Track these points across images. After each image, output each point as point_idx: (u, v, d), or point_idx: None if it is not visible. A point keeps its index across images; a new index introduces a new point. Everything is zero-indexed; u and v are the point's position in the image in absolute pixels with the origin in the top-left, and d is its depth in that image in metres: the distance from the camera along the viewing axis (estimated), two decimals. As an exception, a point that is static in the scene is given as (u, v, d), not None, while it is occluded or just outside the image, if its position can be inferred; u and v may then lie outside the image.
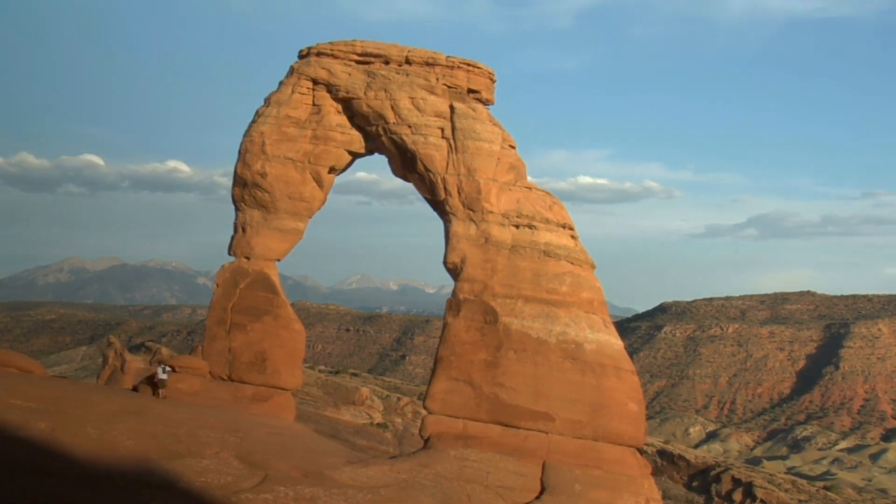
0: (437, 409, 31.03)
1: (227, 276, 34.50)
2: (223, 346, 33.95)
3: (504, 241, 31.58)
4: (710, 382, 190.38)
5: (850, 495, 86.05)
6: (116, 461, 22.82)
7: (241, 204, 34.61)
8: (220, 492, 22.40)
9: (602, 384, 30.08)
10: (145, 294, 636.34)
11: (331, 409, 63.94)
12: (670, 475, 77.47)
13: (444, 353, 31.32)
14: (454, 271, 32.01)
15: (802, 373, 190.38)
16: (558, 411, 29.82)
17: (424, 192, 33.11)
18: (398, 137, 32.50)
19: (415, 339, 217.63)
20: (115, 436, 24.65)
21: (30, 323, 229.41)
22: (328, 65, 33.76)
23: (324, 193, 34.80)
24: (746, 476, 74.44)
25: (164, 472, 22.85)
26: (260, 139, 33.74)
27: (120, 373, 57.68)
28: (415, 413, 69.58)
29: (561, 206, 32.75)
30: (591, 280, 32.01)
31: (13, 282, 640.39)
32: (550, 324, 30.58)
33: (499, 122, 33.17)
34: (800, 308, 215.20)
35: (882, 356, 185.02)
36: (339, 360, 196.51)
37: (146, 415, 27.73)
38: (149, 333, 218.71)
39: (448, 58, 33.46)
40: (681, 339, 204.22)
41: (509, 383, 30.21)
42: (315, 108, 34.05)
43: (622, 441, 30.12)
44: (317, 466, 26.69)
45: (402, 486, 26.67)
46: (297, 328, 34.56)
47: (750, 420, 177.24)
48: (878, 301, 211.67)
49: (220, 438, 26.76)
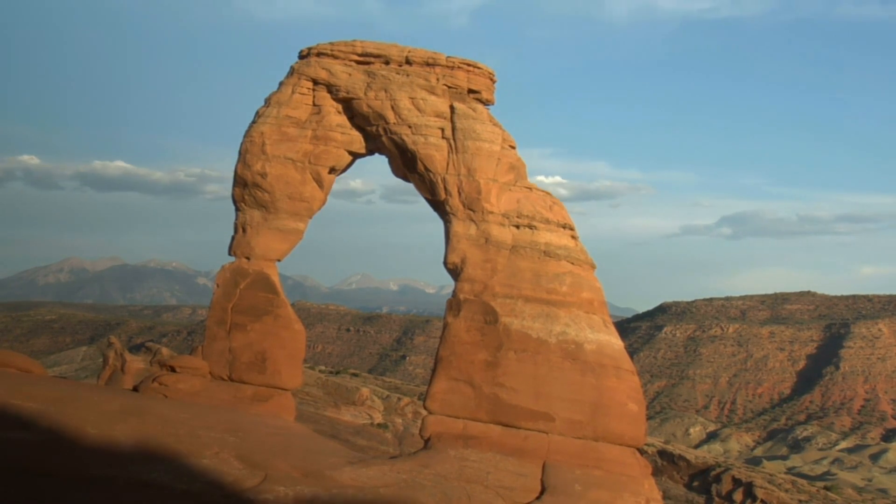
0: (437, 410, 31.02)
1: (227, 277, 34.51)
2: (223, 346, 33.95)
3: (504, 241, 31.57)
4: (711, 382, 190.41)
5: (851, 495, 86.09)
6: (116, 461, 22.83)
7: (242, 204, 34.62)
8: (221, 492, 22.42)
9: (602, 384, 30.08)
10: (145, 294, 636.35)
11: (331, 409, 63.90)
12: (671, 475, 77.49)
13: (444, 353, 31.32)
14: (454, 271, 32.01)
15: (803, 373, 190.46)
16: (558, 411, 29.81)
17: (425, 193, 33.11)
18: (398, 138, 32.50)
19: (415, 339, 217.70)
20: (116, 436, 24.67)
21: (30, 323, 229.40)
22: (328, 65, 33.76)
23: (324, 194, 34.81)
24: (747, 476, 74.48)
25: (164, 472, 22.86)
26: (260, 139, 33.75)
27: (120, 373, 57.50)
28: (415, 413, 69.56)
29: (561, 207, 32.76)
30: (591, 280, 32.02)
31: (13, 282, 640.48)
32: (550, 324, 30.58)
33: (499, 123, 33.17)
34: (800, 308, 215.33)
35: (882, 356, 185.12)
36: (340, 361, 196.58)
37: (146, 415, 27.74)
38: (149, 333, 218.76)
39: (448, 58, 33.47)
40: (681, 339, 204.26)
41: (509, 383, 30.21)
42: (315, 109, 34.05)
43: (622, 441, 30.11)
44: (317, 466, 26.70)
45: (402, 486, 26.67)
46: (298, 328, 34.57)
47: (750, 420, 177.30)
48: (878, 301, 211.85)
49: (220, 438, 26.77)
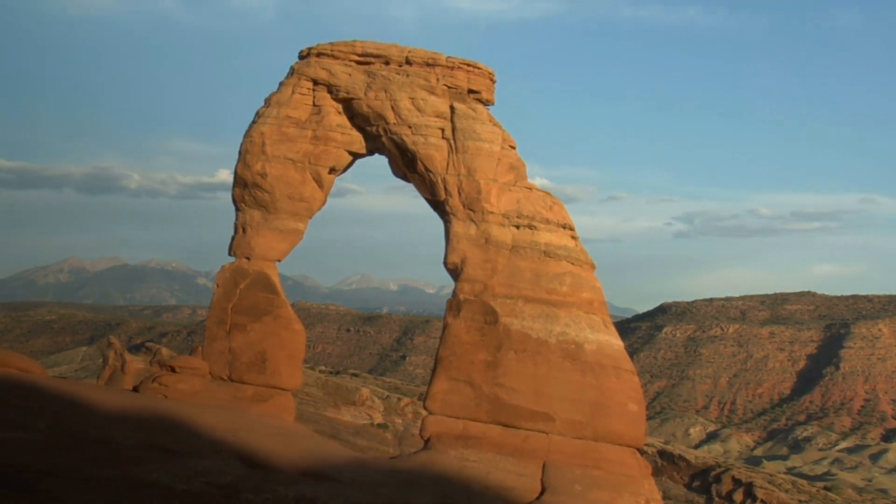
0: (437, 410, 31.02)
1: (227, 277, 34.51)
2: (223, 346, 33.95)
3: (504, 241, 31.57)
4: (711, 383, 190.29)
5: (851, 496, 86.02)
6: (116, 461, 22.84)
7: (242, 204, 34.62)
8: (221, 492, 22.42)
9: (602, 384, 30.07)
10: (145, 294, 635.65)
11: (331, 409, 63.88)
12: (671, 475, 77.45)
13: (444, 353, 31.32)
14: (454, 272, 32.01)
15: (803, 373, 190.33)
16: (558, 411, 29.81)
17: (425, 193, 33.11)
18: (398, 138, 32.49)
19: (415, 339, 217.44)
20: (115, 436, 24.68)
21: (30, 323, 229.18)
22: (328, 65, 33.75)
23: (324, 194, 34.81)
24: (747, 476, 74.41)
25: (164, 472, 22.86)
26: (260, 140, 33.74)
27: (120, 373, 57.49)
28: (415, 413, 69.51)
29: (561, 207, 32.75)
30: (591, 280, 32.02)
31: (13, 282, 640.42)
32: (551, 324, 30.57)
33: (499, 123, 33.17)
34: (800, 308, 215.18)
35: (882, 356, 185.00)
36: (340, 361, 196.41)
37: (146, 415, 27.75)
38: (149, 334, 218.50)
39: (448, 58, 33.46)
40: (681, 339, 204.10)
41: (509, 383, 30.20)
42: (315, 109, 34.04)
43: (622, 441, 30.11)
44: (317, 466, 26.71)
45: (402, 486, 26.69)
46: (298, 328, 34.57)
47: (750, 420, 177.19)
48: (878, 301, 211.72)
49: (220, 438, 26.79)
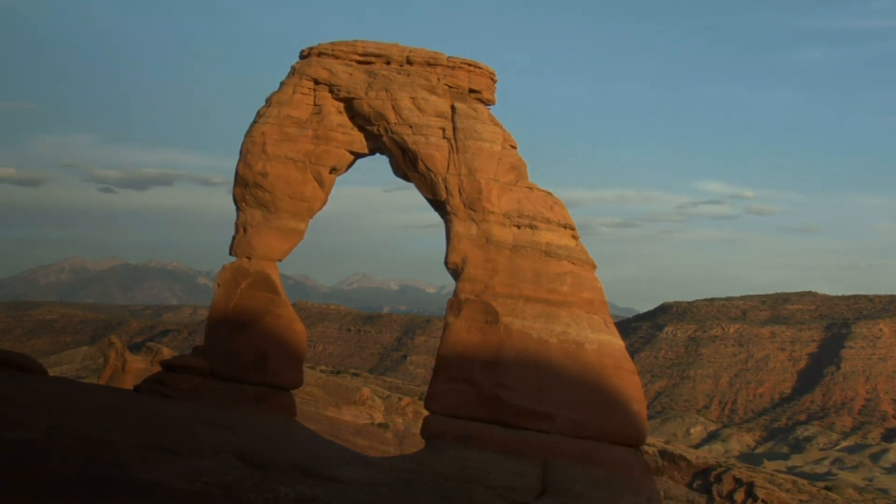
0: (437, 409, 31.02)
1: (227, 276, 34.51)
2: (224, 345, 33.95)
3: (505, 241, 31.56)
4: (712, 382, 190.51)
5: (851, 495, 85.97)
6: (116, 461, 22.83)
7: (242, 204, 34.62)
8: (221, 492, 22.40)
9: (603, 384, 30.05)
10: (146, 294, 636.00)
11: (332, 409, 63.91)
12: (671, 475, 77.39)
13: (444, 352, 31.31)
14: (455, 271, 32.00)
15: (803, 373, 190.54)
16: (559, 411, 29.79)
17: (425, 192, 33.10)
18: (399, 137, 32.48)
19: (416, 338, 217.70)
20: (116, 436, 24.67)
21: (30, 323, 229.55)
22: (329, 65, 33.75)
23: (325, 193, 34.80)
24: (748, 476, 74.37)
25: (164, 472, 22.85)
26: (261, 139, 33.75)
27: (121, 373, 57.54)
28: (416, 413, 69.49)
29: (562, 206, 32.74)
30: (592, 280, 32.01)
31: (14, 281, 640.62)
32: (551, 324, 30.56)
33: (500, 123, 33.17)
34: (801, 308, 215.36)
35: (883, 356, 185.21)
36: (340, 360, 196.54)
37: (146, 415, 27.76)
38: (150, 333, 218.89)
39: (449, 58, 33.47)
40: (682, 339, 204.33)
41: (510, 383, 30.19)
42: (316, 108, 34.04)
43: (623, 441, 30.09)
44: (317, 466, 26.71)
45: (402, 486, 26.68)
46: (298, 328, 34.57)
47: (751, 420, 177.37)
48: (879, 301, 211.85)
49: (220, 438, 26.79)
